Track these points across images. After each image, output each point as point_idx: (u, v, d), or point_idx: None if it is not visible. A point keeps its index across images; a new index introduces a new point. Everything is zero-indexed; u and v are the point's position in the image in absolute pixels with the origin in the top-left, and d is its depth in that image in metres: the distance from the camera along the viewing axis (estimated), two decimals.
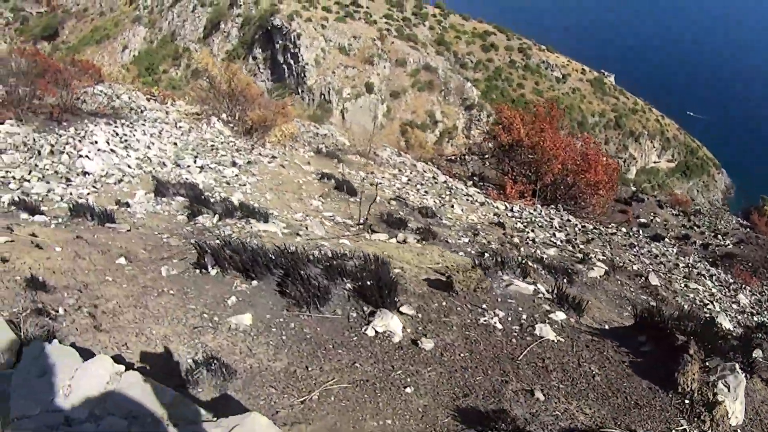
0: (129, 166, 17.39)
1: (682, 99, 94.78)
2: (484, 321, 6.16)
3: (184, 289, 6.42)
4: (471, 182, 28.00)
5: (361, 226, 13.08)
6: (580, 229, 21.83)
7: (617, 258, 17.12)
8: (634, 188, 38.43)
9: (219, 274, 6.80)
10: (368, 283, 6.36)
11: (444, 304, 6.55)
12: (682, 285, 15.90)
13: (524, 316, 6.42)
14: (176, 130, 22.04)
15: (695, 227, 26.36)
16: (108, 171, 16.41)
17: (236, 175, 15.59)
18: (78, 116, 22.46)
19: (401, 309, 6.12)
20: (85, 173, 16.42)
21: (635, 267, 16.38)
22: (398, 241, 11.63)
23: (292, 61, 48.60)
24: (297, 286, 6.09)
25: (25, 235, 7.85)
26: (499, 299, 6.84)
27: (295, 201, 14.77)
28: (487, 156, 38.25)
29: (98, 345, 5.12)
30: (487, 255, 11.50)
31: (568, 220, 23.72)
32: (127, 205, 12.31)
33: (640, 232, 23.19)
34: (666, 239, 22.91)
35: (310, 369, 5.07)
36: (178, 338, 5.45)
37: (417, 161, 26.87)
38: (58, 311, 5.50)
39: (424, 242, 12.90)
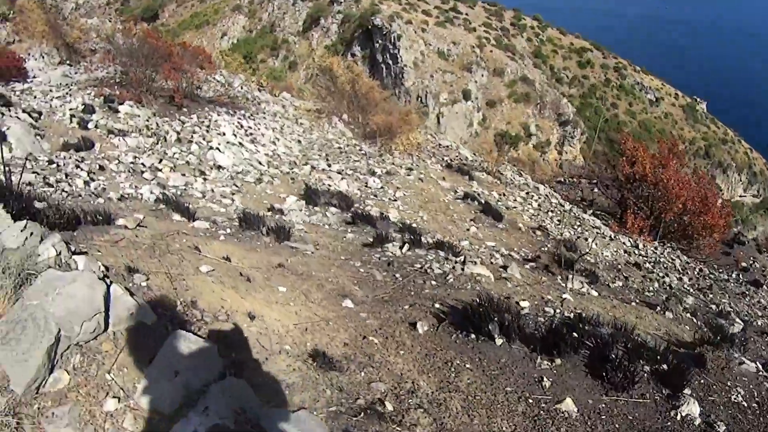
0: (260, 163, 16.18)
1: None
2: (735, 399, 5.98)
3: (479, 361, 5.41)
4: (590, 211, 25.97)
5: (554, 274, 11.32)
6: (698, 273, 20.13)
7: (743, 312, 15.45)
8: (735, 230, 35.80)
9: (505, 344, 5.94)
10: (665, 365, 6.08)
11: (709, 382, 6.21)
12: None
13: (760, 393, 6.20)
14: (297, 126, 20.86)
15: None
16: (241, 167, 15.25)
17: (381, 188, 14.05)
18: (197, 103, 21.59)
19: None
20: (218, 167, 15.26)
21: (759, 322, 14.68)
22: (600, 295, 9.88)
23: (390, 62, 47.20)
24: (611, 368, 5.66)
25: (217, 258, 6.45)
26: (737, 377, 6.54)
27: (449, 223, 13.15)
28: (596, 181, 36.16)
29: None
30: (701, 325, 9.72)
31: (688, 262, 21.91)
32: (282, 212, 10.95)
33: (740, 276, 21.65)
34: (764, 286, 21.08)
35: None
36: None
37: (537, 182, 24.93)
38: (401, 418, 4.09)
39: (591, 288, 11.15)
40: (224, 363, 3.75)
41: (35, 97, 17.93)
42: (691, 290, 16.52)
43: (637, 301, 11.45)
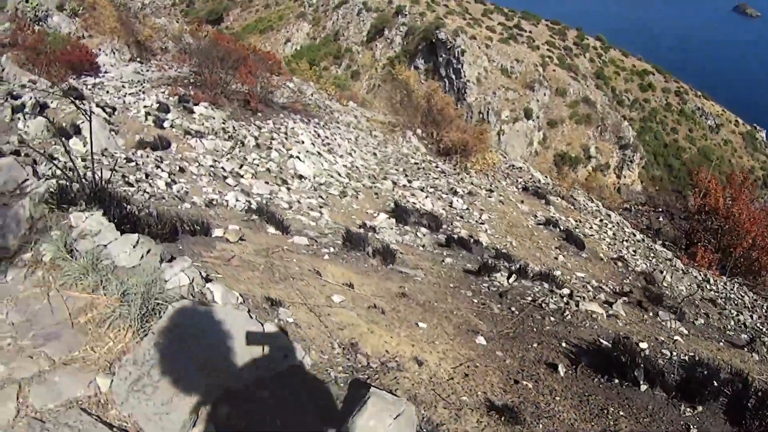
0: (339, 174, 15.86)
1: None
2: None
3: (629, 408, 5.14)
4: (660, 242, 24.99)
5: (646, 310, 10.65)
6: (766, 311, 19.18)
7: None
8: None
9: (649, 390, 5.72)
10: None
11: None
12: None
13: None
14: (371, 138, 20.54)
15: None
16: (323, 178, 14.96)
17: (466, 209, 13.56)
18: (271, 108, 21.44)
19: None
20: (300, 177, 15.01)
21: None
22: (703, 337, 9.21)
23: (453, 76, 46.73)
24: (750, 415, 5.46)
25: (339, 284, 6.09)
26: None
27: (536, 250, 12.57)
28: (661, 210, 34.99)
29: None
30: None
31: (755, 299, 20.87)
32: (374, 230, 10.56)
33: None
34: None
35: None
36: None
37: (607, 209, 24.00)
38: None
39: (680, 325, 10.47)
40: (418, 424, 3.34)
41: (108, 92, 17.74)
42: (765, 330, 15.68)
43: (723, 341, 10.83)
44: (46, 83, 16.68)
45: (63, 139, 12.59)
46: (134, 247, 4.64)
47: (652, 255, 19.41)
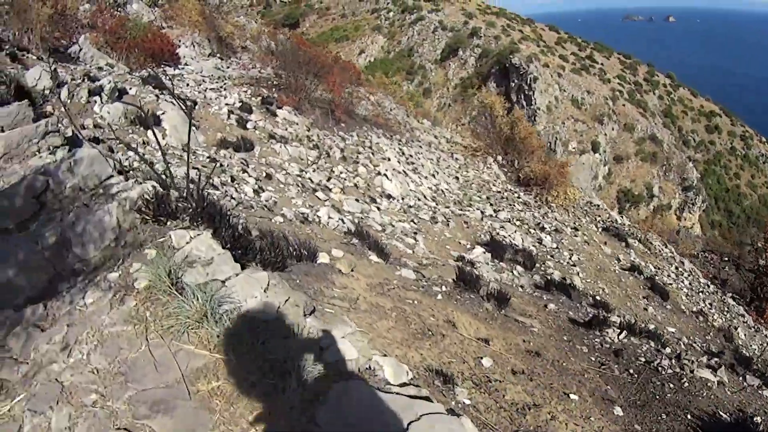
0: (425, 196, 15.59)
1: None
2: None
3: None
4: (730, 294, 23.72)
5: (738, 374, 9.98)
6: None
7: None
8: None
9: None
10: None
11: None
12: None
13: None
14: (453, 161, 20.18)
15: None
16: (412, 201, 14.64)
17: (556, 248, 13.11)
18: (353, 120, 21.20)
19: None
20: (388, 196, 14.77)
21: None
22: None
23: (524, 102, 45.97)
24: None
25: (475, 339, 5.78)
26: None
27: (626, 299, 11.98)
28: (727, 259, 33.41)
29: None
30: None
31: None
32: (472, 265, 10.22)
33: None
34: None
35: None
36: None
37: (681, 256, 22.94)
38: None
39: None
40: None
41: (188, 85, 16.94)
42: None
43: None
44: (124, 68, 16.05)
45: (147, 129, 11.80)
46: (265, 290, 3.63)
47: (726, 309, 18.43)
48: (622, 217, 22.40)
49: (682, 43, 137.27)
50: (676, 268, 19.28)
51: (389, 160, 16.95)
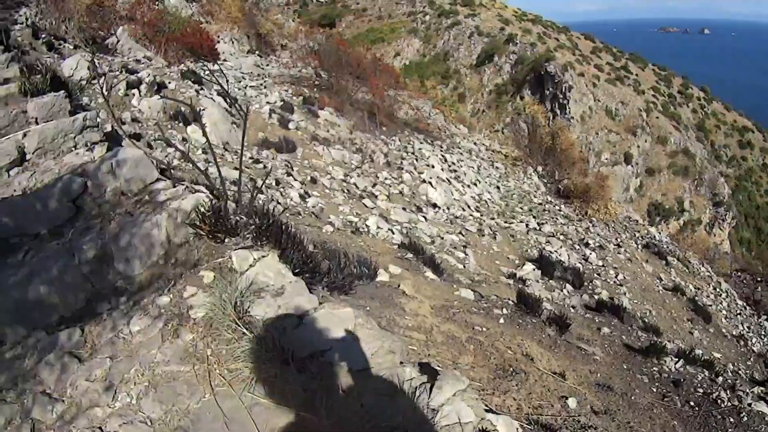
0: (468, 206, 15.43)
1: None
2: None
3: None
4: (764, 316, 23.12)
5: None
6: None
7: None
8: None
9: None
10: None
11: None
12: None
13: None
14: (493, 170, 20.00)
15: None
16: (458, 211, 14.46)
17: (602, 266, 12.90)
18: (394, 124, 21.02)
19: None
20: (433, 205, 14.64)
21: None
22: None
23: (558, 111, 45.29)
24: None
25: (551, 373, 5.64)
26: None
27: (671, 322, 11.75)
28: (760, 279, 32.68)
29: None
30: None
31: None
32: (523, 282, 10.07)
33: None
34: None
35: None
36: None
37: (718, 276, 22.43)
38: None
39: None
40: None
41: (228, 82, 16.36)
42: None
43: None
44: (162, 62, 15.86)
45: (187, 126, 11.50)
46: (351, 330, 2.99)
47: (763, 333, 17.94)
48: (659, 233, 21.96)
49: (716, 56, 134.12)
50: (714, 288, 18.84)
51: (433, 167, 16.79)
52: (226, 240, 3.83)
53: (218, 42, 21.86)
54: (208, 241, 3.76)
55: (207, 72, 16.01)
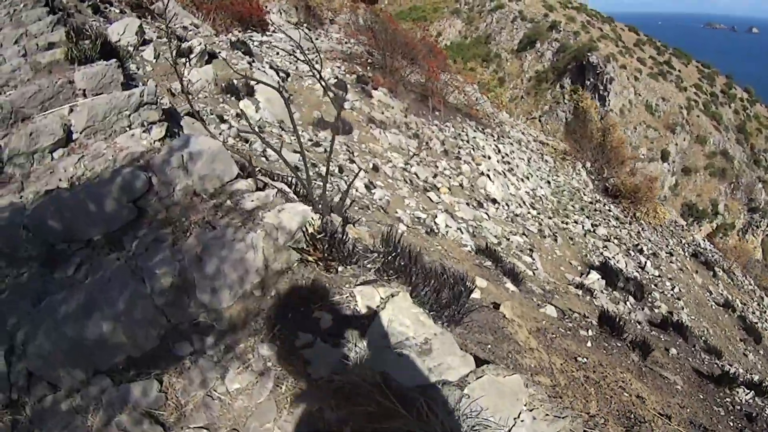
0: (524, 203, 14.91)
1: None
2: None
3: None
4: None
5: None
6: None
7: None
8: None
9: None
10: None
11: None
12: None
13: None
14: (543, 163, 19.41)
15: None
16: (516, 208, 13.92)
17: (659, 276, 12.37)
18: (446, 108, 20.37)
19: None
20: (493, 200, 14.10)
21: None
22: None
23: (598, 103, 44.00)
24: None
25: (659, 415, 5.23)
26: None
27: (726, 341, 11.23)
28: None
29: None
30: None
31: None
32: (591, 293, 9.61)
33: None
34: None
35: None
36: None
37: (759, 288, 21.62)
38: None
39: None
40: None
41: (278, 54, 15.60)
42: None
43: None
44: (209, 30, 15.16)
45: (239, 100, 10.94)
46: (526, 404, 2.27)
47: None
48: (704, 240, 21.19)
49: (763, 56, 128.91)
50: (758, 303, 18.14)
51: (489, 158, 16.27)
52: (340, 269, 3.09)
53: (268, 12, 21.04)
54: (317, 269, 3.03)
55: (256, 44, 15.33)
